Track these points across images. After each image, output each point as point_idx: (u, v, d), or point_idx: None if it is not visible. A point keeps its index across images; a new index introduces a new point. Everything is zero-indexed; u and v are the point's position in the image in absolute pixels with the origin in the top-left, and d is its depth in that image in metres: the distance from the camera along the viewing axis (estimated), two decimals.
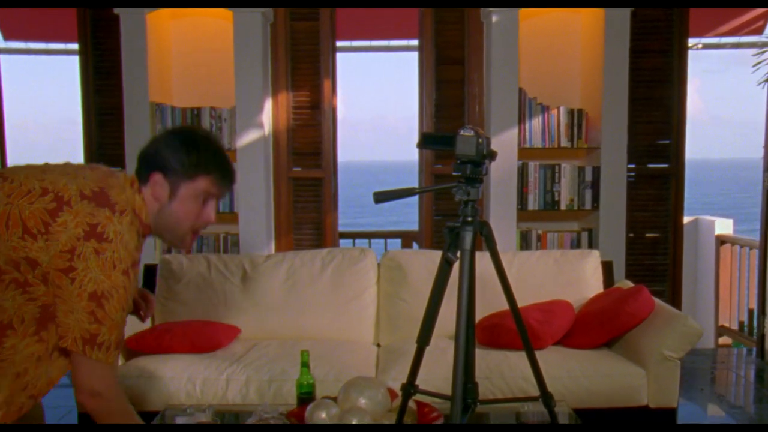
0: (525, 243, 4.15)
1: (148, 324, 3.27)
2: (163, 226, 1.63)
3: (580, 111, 4.07)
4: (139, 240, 1.59)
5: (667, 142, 4.29)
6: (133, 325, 3.12)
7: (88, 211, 1.49)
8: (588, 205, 4.08)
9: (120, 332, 1.54)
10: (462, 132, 1.75)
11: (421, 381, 2.74)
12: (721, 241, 5.29)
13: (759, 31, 4.84)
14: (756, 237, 4.51)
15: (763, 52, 3.98)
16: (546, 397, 2.04)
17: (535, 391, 2.73)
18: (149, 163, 1.61)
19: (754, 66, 4.02)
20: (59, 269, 1.46)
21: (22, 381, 1.55)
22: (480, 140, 1.75)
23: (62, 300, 1.48)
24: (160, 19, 4.03)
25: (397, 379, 2.74)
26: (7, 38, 4.86)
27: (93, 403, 1.54)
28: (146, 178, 1.60)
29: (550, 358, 2.86)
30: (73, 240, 1.46)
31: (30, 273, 1.48)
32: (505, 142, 3.90)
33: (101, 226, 1.48)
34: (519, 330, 2.02)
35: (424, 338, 1.89)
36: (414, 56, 4.46)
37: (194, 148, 1.60)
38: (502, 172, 3.94)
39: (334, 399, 2.17)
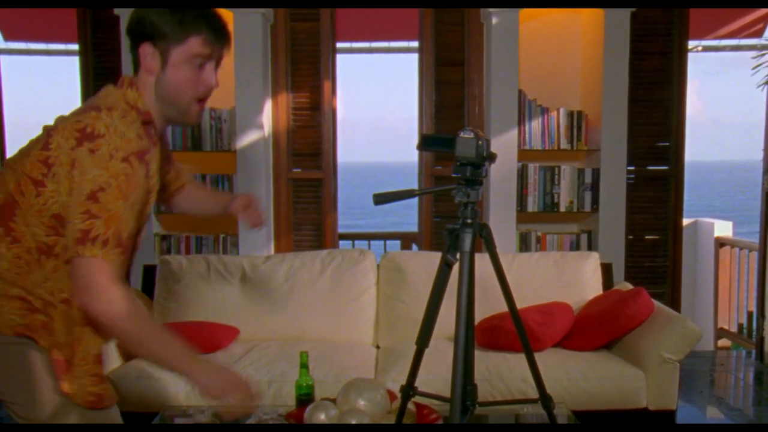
0: (524, 244, 4.16)
1: None
2: (164, 102, 1.51)
3: (579, 113, 4.07)
4: (142, 128, 1.49)
5: (667, 144, 4.29)
6: None
7: (74, 121, 1.41)
8: (587, 207, 4.09)
9: (120, 225, 1.39)
10: (462, 134, 1.75)
11: (420, 383, 2.74)
12: (721, 243, 5.29)
13: (759, 34, 4.84)
14: (755, 239, 4.50)
15: (763, 55, 3.99)
16: (545, 400, 2.04)
17: (534, 393, 2.73)
18: (135, 35, 1.49)
19: (753, 68, 4.03)
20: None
21: None
22: (480, 142, 1.75)
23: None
24: None
25: (396, 381, 2.74)
26: (7, 39, 4.86)
27: (89, 302, 1.38)
28: (137, 56, 1.50)
29: (550, 360, 2.86)
30: (71, 153, 1.37)
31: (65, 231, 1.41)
32: (504, 144, 3.90)
33: (90, 127, 1.39)
34: (518, 332, 2.02)
35: (423, 340, 1.89)
36: (414, 58, 4.47)
37: (178, 8, 1.47)
38: (501, 173, 3.94)
39: (333, 400, 2.16)
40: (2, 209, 1.44)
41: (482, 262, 2.03)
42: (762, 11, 4.64)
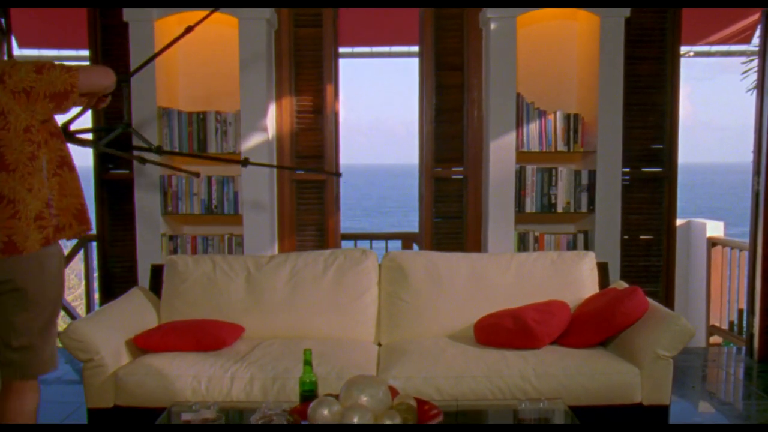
0: (522, 244, 4.23)
1: (155, 323, 3.35)
2: None
3: (576, 116, 4.15)
4: None
5: (661, 146, 4.37)
6: (140, 325, 3.20)
7: None
8: (584, 208, 4.16)
9: None
10: None
11: (421, 379, 2.82)
12: (713, 243, 5.38)
13: (747, 40, 4.92)
14: (746, 239, 4.59)
15: (752, 60, 4.08)
16: None
17: (532, 391, 2.80)
18: None
19: (743, 73, 4.11)
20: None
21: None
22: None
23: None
24: (167, 26, 4.11)
25: (397, 378, 2.80)
26: (21, 46, 4.93)
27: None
28: None
29: (547, 357, 2.92)
30: None
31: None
32: (503, 146, 3.98)
33: None
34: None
35: None
36: (414, 62, 4.54)
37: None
38: (500, 175, 4.01)
39: (336, 396, 2.20)
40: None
41: (482, 260, 2.08)
42: (752, 18, 4.72)
